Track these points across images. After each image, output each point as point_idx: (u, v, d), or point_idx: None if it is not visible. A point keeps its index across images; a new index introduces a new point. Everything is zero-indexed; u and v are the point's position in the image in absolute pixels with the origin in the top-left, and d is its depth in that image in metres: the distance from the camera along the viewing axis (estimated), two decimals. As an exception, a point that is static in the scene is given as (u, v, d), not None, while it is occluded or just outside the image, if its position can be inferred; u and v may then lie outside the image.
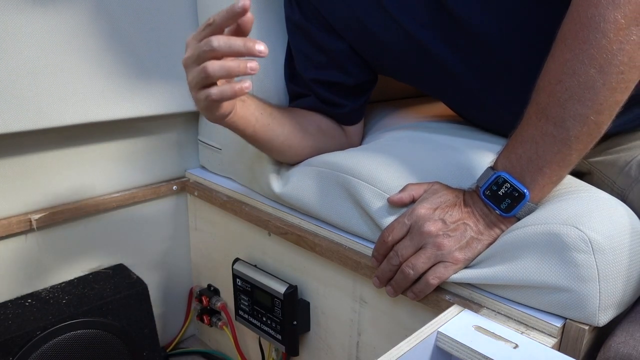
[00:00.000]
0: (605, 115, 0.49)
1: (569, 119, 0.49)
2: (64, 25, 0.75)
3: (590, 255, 0.49)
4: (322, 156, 0.77)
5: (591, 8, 0.47)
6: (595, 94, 0.48)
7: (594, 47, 0.47)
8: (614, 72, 0.47)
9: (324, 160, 0.75)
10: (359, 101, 0.81)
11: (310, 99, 0.80)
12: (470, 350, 0.49)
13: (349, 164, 0.71)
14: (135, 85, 0.85)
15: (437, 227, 0.56)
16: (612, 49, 0.46)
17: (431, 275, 0.56)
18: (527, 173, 0.53)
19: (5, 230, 0.79)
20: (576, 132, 0.50)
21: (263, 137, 0.71)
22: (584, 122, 0.49)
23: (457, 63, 0.67)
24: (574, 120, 0.49)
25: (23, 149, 0.80)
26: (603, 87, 0.48)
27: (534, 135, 0.52)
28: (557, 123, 0.50)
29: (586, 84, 0.48)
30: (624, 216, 0.54)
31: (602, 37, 0.47)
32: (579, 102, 0.49)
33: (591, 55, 0.47)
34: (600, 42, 0.47)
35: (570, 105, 0.49)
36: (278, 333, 0.80)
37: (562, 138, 0.50)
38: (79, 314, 0.78)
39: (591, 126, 0.49)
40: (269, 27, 0.83)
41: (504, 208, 0.54)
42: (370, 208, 0.66)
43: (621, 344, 0.46)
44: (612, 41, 0.46)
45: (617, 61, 0.47)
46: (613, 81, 0.47)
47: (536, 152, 0.52)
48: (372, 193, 0.66)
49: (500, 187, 0.54)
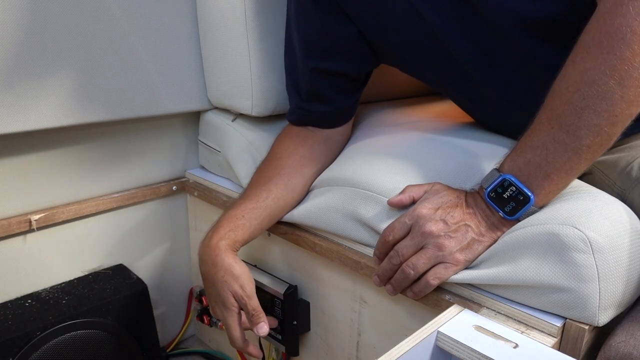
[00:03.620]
0: (618, 127, 0.49)
1: (583, 128, 0.49)
2: (64, 25, 0.75)
3: (590, 255, 0.49)
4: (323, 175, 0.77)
5: (618, 17, 0.46)
6: (612, 105, 0.47)
7: (617, 57, 0.46)
8: (634, 85, 0.46)
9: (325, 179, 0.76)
10: (351, 99, 0.80)
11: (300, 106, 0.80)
12: (470, 350, 0.49)
13: (347, 175, 0.71)
14: (135, 86, 0.85)
15: (439, 227, 0.56)
16: (634, 62, 0.46)
17: (431, 276, 0.56)
18: (534, 178, 0.52)
19: (5, 230, 0.79)
20: (588, 141, 0.49)
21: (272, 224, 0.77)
22: (597, 132, 0.49)
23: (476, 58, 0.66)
24: (588, 130, 0.49)
25: (23, 149, 0.80)
26: (621, 99, 0.47)
27: (545, 142, 0.51)
28: (570, 131, 0.50)
29: (604, 94, 0.47)
30: (624, 216, 0.54)
31: (626, 48, 0.46)
32: (595, 113, 0.48)
33: (613, 66, 0.46)
34: (624, 54, 0.46)
35: (585, 114, 0.48)
36: (278, 333, 0.80)
37: (573, 147, 0.50)
38: (79, 315, 0.78)
39: (604, 137, 0.49)
40: (268, 27, 0.83)
41: (508, 211, 0.54)
42: (370, 214, 0.66)
43: (621, 344, 0.46)
44: (636, 53, 0.46)
45: (637, 74, 0.46)
46: (631, 94, 0.47)
47: (545, 159, 0.51)
48: (371, 199, 0.66)
49: (506, 190, 0.54)
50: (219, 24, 0.86)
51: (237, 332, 0.69)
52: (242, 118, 0.92)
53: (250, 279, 0.69)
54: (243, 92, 0.86)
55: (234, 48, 0.85)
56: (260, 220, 0.73)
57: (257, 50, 0.83)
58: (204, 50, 0.92)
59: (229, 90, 0.89)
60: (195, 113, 0.99)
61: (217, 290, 0.68)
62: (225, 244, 0.69)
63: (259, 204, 0.73)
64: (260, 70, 0.84)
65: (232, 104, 0.90)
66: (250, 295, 0.67)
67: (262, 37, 0.83)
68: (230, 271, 0.67)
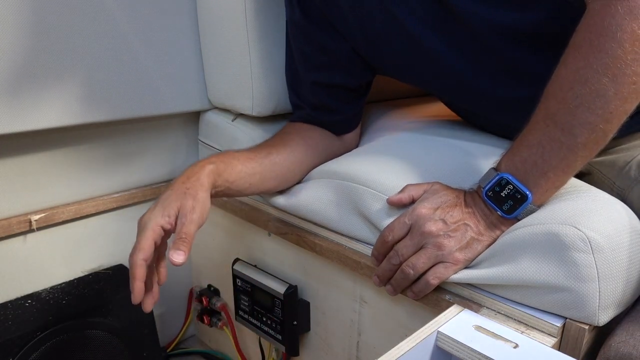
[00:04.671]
0: (613, 124, 0.49)
1: (578, 126, 0.49)
2: (63, 25, 0.75)
3: (590, 254, 0.49)
4: (323, 166, 0.77)
5: (608, 17, 0.47)
6: (606, 102, 0.48)
7: (609, 56, 0.47)
8: (627, 82, 0.47)
9: (325, 170, 0.75)
10: (357, 106, 0.81)
11: (307, 112, 0.80)
12: (470, 350, 0.49)
13: (348, 170, 0.71)
14: (135, 86, 0.85)
15: (438, 227, 0.56)
16: (626, 59, 0.46)
17: (431, 276, 0.57)
18: (531, 176, 0.53)
19: (5, 230, 0.79)
20: (584, 139, 0.49)
21: (257, 191, 0.74)
22: (592, 129, 0.49)
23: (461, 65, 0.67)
24: (583, 128, 0.49)
25: (23, 149, 0.80)
26: (615, 96, 0.47)
27: (541, 140, 0.52)
28: (565, 129, 0.50)
29: (598, 92, 0.48)
30: (624, 216, 0.54)
31: (617, 46, 0.46)
32: (589, 110, 0.48)
33: (605, 64, 0.47)
34: (615, 52, 0.46)
35: (580, 112, 0.49)
36: (278, 333, 0.80)
37: (569, 145, 0.50)
38: (79, 315, 0.78)
39: (599, 134, 0.49)
40: (269, 27, 0.83)
41: (506, 209, 0.54)
42: (369, 211, 0.66)
43: (621, 343, 0.46)
44: (628, 51, 0.46)
45: (630, 71, 0.46)
46: (625, 91, 0.47)
47: (542, 157, 0.52)
48: (371, 196, 0.66)
49: (503, 189, 0.54)
50: (220, 23, 0.86)
51: (147, 242, 0.58)
52: (242, 118, 0.92)
53: (204, 212, 0.61)
54: (243, 92, 0.86)
55: (235, 48, 0.85)
56: (252, 172, 0.70)
57: (257, 49, 0.83)
58: (204, 50, 0.92)
59: (229, 90, 0.89)
60: (195, 113, 0.99)
61: (170, 195, 0.61)
62: (210, 168, 0.65)
63: (256, 159, 0.71)
64: (260, 70, 0.84)
65: (232, 104, 0.90)
66: (192, 222, 0.59)
67: (262, 37, 0.83)
68: (195, 189, 0.61)
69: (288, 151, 0.75)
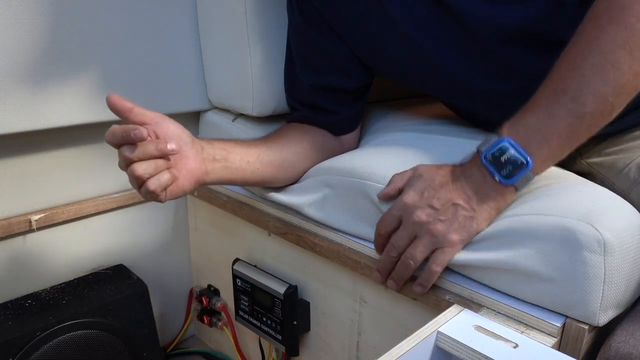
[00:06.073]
0: (622, 98, 0.49)
1: (589, 94, 0.49)
2: (63, 25, 0.75)
3: (601, 256, 0.49)
4: (325, 163, 0.76)
5: None
6: (620, 75, 0.48)
7: (627, 29, 0.47)
8: None
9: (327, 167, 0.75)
10: (355, 108, 0.81)
11: (305, 112, 0.80)
12: (470, 350, 0.49)
13: (347, 166, 0.71)
14: (135, 86, 0.85)
15: (427, 213, 0.56)
16: None
17: (433, 263, 0.56)
18: (533, 142, 0.52)
19: (5, 230, 0.79)
20: (592, 109, 0.49)
21: (253, 181, 0.72)
22: (602, 101, 0.49)
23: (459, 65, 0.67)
24: (593, 97, 0.49)
25: (23, 149, 0.80)
26: (629, 70, 0.48)
27: (548, 106, 0.51)
28: (575, 98, 0.50)
29: (613, 63, 0.48)
30: (634, 216, 0.53)
31: (636, 21, 0.47)
32: (602, 80, 0.49)
33: (624, 37, 0.47)
34: (634, 26, 0.47)
35: (593, 81, 0.49)
36: (278, 333, 0.80)
37: (576, 112, 0.50)
38: (79, 315, 0.78)
39: (607, 106, 0.49)
40: (269, 27, 0.83)
41: (505, 175, 0.53)
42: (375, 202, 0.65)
43: (621, 343, 0.46)
44: None
45: None
46: (638, 67, 0.48)
47: (546, 123, 0.51)
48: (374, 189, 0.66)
49: (503, 153, 0.53)
50: (220, 23, 0.86)
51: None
52: (242, 118, 0.92)
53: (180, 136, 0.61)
54: (244, 92, 0.86)
55: (235, 48, 0.85)
56: (251, 153, 0.70)
57: (257, 50, 0.83)
58: (204, 50, 0.92)
59: (229, 90, 0.89)
60: (195, 113, 0.99)
61: None
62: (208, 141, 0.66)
63: (254, 143, 0.72)
64: (261, 70, 0.84)
65: (232, 104, 0.90)
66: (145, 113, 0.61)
67: (262, 37, 0.83)
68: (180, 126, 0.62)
69: (285, 142, 0.75)
